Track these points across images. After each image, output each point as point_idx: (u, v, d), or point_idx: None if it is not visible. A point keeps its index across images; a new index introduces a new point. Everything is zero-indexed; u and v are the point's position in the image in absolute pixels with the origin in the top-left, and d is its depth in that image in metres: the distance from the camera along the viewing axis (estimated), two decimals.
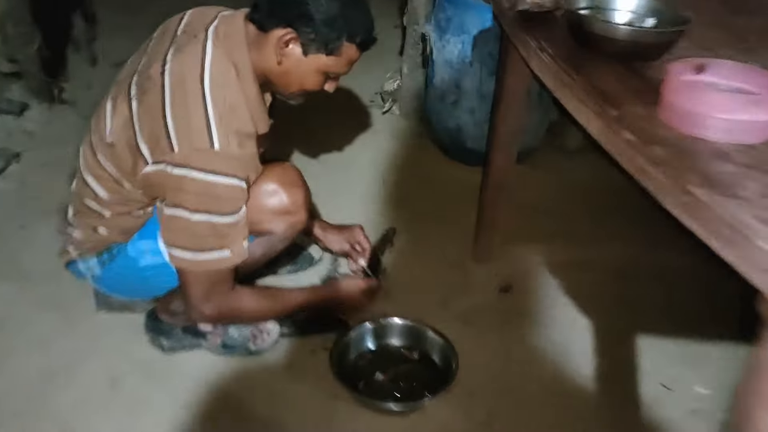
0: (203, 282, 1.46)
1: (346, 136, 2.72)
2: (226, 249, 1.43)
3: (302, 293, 1.71)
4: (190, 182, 1.34)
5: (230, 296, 1.52)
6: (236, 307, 1.55)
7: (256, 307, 1.60)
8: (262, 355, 1.74)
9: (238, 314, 1.59)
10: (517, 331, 1.86)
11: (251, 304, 1.58)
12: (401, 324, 1.79)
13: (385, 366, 1.72)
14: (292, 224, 1.57)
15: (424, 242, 2.16)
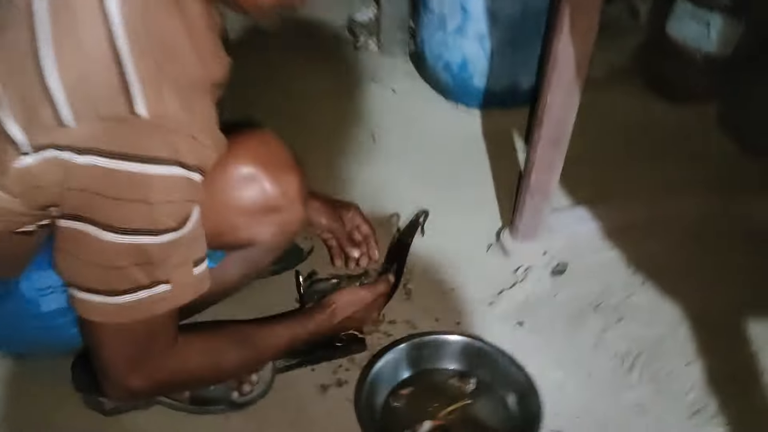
0: (125, 341, 0.91)
1: (315, 82, 2.14)
2: (164, 283, 0.87)
3: (285, 329, 1.17)
4: (100, 177, 0.78)
5: (171, 356, 0.97)
6: (181, 372, 1.00)
7: (214, 366, 1.05)
8: (251, 408, 1.23)
9: (184, 381, 1.05)
10: (592, 332, 1.39)
11: (205, 362, 1.03)
12: (445, 340, 1.29)
13: (432, 406, 1.22)
14: (284, 227, 1.03)
15: (445, 219, 1.65)
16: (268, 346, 1.12)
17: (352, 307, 1.25)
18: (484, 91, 2.00)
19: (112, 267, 0.83)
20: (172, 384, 1.03)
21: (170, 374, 0.97)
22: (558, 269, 1.52)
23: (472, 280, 1.51)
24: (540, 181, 1.42)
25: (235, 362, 1.07)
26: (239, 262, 1.05)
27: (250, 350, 1.09)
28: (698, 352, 1.34)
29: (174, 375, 0.98)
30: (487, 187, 1.77)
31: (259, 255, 1.06)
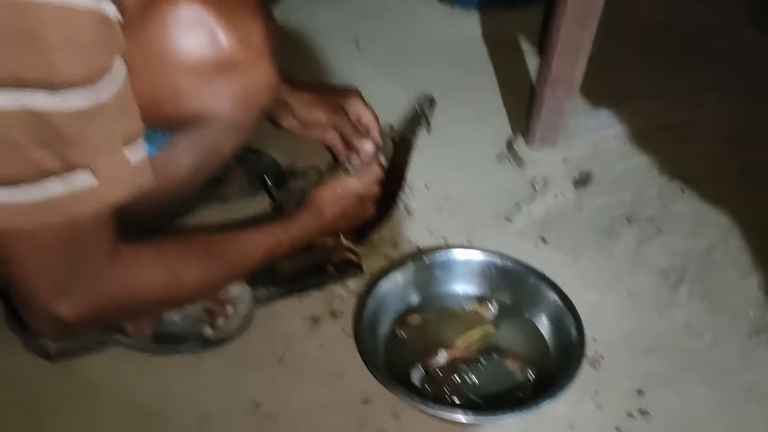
0: (46, 256, 0.68)
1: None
2: (84, 171, 0.63)
3: (262, 235, 0.94)
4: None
5: (110, 274, 0.73)
6: (127, 294, 0.76)
7: (171, 282, 0.81)
8: (228, 345, 1.01)
9: (133, 304, 0.80)
10: (627, 247, 1.18)
11: (158, 278, 0.79)
12: (460, 258, 1.07)
13: (446, 336, 1.01)
14: (246, 93, 0.77)
15: (447, 130, 1.42)
16: (241, 256, 0.89)
17: (341, 201, 1.02)
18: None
19: (7, 144, 0.59)
20: (116, 310, 0.78)
21: (111, 297, 0.74)
22: (581, 179, 1.31)
23: (483, 194, 1.29)
24: (563, 69, 1.19)
25: (199, 276, 0.84)
26: (190, 147, 0.78)
27: (218, 261, 0.86)
28: (755, 263, 1.14)
29: (117, 298, 0.75)
30: (493, 95, 1.54)
31: (216, 138, 0.79)
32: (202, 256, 0.84)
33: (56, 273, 0.68)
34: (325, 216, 1.00)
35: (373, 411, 0.94)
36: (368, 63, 1.62)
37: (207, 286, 0.88)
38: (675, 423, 0.93)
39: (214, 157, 0.80)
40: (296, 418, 0.94)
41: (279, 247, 0.95)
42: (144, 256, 0.76)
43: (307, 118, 1.09)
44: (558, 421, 0.93)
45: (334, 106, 1.09)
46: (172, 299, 0.86)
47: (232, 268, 0.90)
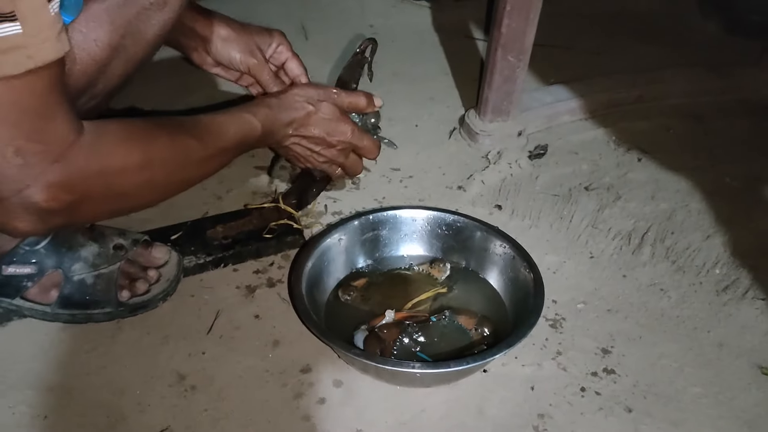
0: None
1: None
2: (8, 19, 0.54)
3: (232, 117, 0.84)
4: None
5: (80, 143, 0.63)
6: (102, 167, 0.65)
7: (147, 157, 0.70)
8: (151, 314, 0.90)
9: (110, 184, 0.67)
10: (587, 212, 1.12)
11: (133, 152, 0.68)
12: (409, 216, 0.98)
13: (397, 299, 0.92)
14: None
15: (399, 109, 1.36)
16: (213, 136, 0.79)
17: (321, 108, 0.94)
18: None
19: None
20: (93, 194, 0.66)
21: (84, 175, 0.63)
22: (537, 152, 1.25)
23: (435, 166, 1.22)
24: (514, 30, 1.14)
25: (173, 153, 0.74)
26: (107, 19, 0.67)
27: (190, 139, 0.76)
28: (717, 224, 1.09)
29: (90, 176, 0.64)
30: (445, 78, 1.50)
31: (136, 12, 0.69)
32: (173, 132, 0.74)
33: (17, 148, 0.58)
34: (296, 111, 0.92)
35: (313, 379, 0.84)
36: (316, 51, 1.56)
37: (182, 167, 0.76)
38: (644, 380, 0.85)
39: (134, 40, 0.70)
40: (226, 390, 0.83)
41: (251, 131, 0.85)
42: (111, 129, 0.67)
43: (220, 56, 0.97)
44: (519, 382, 0.84)
45: (251, 47, 0.98)
46: (149, 183, 0.72)
47: (205, 149, 0.78)
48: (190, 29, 0.93)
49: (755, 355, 0.89)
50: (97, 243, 0.88)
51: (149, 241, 0.93)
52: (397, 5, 1.76)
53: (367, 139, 0.99)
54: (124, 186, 0.69)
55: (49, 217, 0.63)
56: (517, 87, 1.23)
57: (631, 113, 1.36)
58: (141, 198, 0.73)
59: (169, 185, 0.76)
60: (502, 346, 0.77)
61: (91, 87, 0.68)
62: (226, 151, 0.82)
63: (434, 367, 0.77)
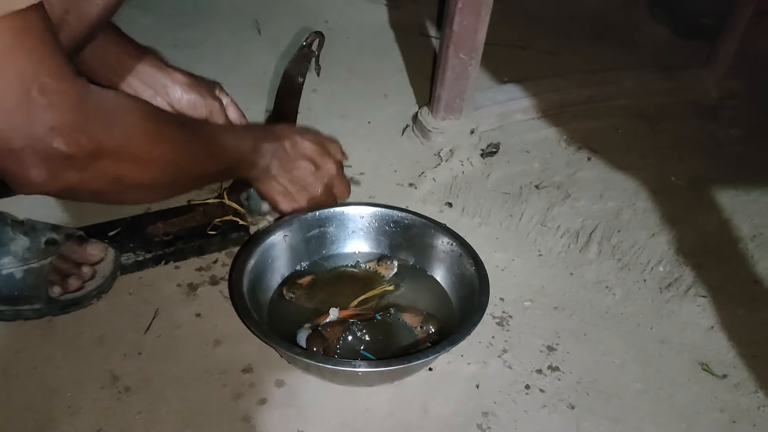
0: None
1: None
2: None
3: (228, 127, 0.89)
4: None
5: (90, 98, 0.60)
6: (114, 124, 0.63)
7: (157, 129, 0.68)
8: (85, 311, 0.87)
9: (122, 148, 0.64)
10: (536, 210, 1.12)
11: (143, 119, 0.66)
12: (355, 213, 0.96)
13: (340, 296, 0.90)
14: None
15: (351, 106, 1.35)
16: (212, 137, 0.78)
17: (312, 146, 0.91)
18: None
19: None
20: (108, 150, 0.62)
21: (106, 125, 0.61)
22: (489, 150, 1.25)
23: (386, 163, 1.21)
24: (466, 27, 1.14)
25: (179, 137, 0.71)
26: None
27: (193, 131, 0.75)
28: (662, 223, 1.10)
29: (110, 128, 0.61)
30: (400, 76, 1.49)
31: None
32: (176, 119, 0.75)
33: (42, 86, 0.55)
34: (283, 135, 0.89)
35: (254, 380, 0.82)
36: (269, 46, 1.54)
37: (189, 150, 0.73)
38: (588, 377, 0.85)
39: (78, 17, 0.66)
40: (162, 391, 0.80)
41: (244, 146, 0.83)
42: (119, 95, 0.66)
43: (182, 102, 0.94)
44: (464, 380, 0.84)
45: (210, 90, 0.97)
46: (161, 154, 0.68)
47: (207, 142, 0.76)
48: (145, 76, 0.91)
49: (696, 351, 0.90)
50: (28, 237, 0.84)
51: (84, 236, 0.89)
52: (352, 2, 1.74)
53: (345, 177, 0.97)
54: (138, 149, 0.66)
55: (65, 167, 0.59)
56: (469, 85, 1.22)
57: (582, 113, 1.37)
58: (150, 175, 0.68)
59: (176, 172, 0.72)
60: (445, 344, 0.76)
61: None
62: (224, 153, 0.79)
63: (376, 366, 0.76)
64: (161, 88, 0.94)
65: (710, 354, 0.89)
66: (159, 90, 0.94)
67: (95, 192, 0.65)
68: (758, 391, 0.84)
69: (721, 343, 0.91)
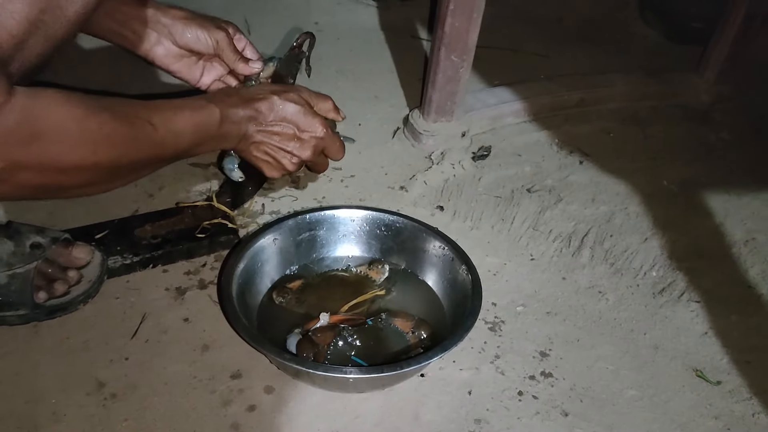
0: None
1: None
2: None
3: (187, 101, 0.75)
4: None
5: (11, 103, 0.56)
6: (35, 129, 0.58)
7: (87, 127, 0.62)
8: (71, 317, 0.85)
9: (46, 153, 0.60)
10: (528, 214, 1.11)
11: (71, 118, 0.61)
12: (346, 216, 0.95)
13: (331, 300, 0.89)
14: None
15: (344, 108, 1.32)
16: (164, 117, 0.70)
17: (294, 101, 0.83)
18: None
19: None
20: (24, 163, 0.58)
21: (17, 140, 0.57)
22: (481, 153, 1.25)
23: (377, 166, 1.20)
24: (458, 29, 1.13)
25: (116, 128, 0.65)
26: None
27: (137, 116, 0.67)
28: (655, 227, 1.10)
29: (22, 142, 0.57)
30: (391, 77, 1.48)
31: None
32: (118, 106, 0.66)
33: None
34: (259, 100, 0.81)
35: (243, 386, 0.80)
36: (259, 45, 1.50)
37: (129, 147, 0.67)
38: (581, 383, 0.84)
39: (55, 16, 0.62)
40: (149, 397, 0.78)
41: (208, 117, 0.76)
42: (48, 93, 0.60)
43: (185, 38, 0.88)
44: (456, 386, 0.83)
45: (215, 22, 0.91)
46: (91, 161, 0.63)
47: (155, 130, 0.69)
48: (145, 19, 0.86)
49: (690, 357, 0.89)
50: (12, 241, 0.82)
51: (70, 239, 0.87)
52: (343, 3, 1.73)
53: (337, 138, 0.90)
54: (62, 159, 0.61)
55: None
56: (460, 87, 1.21)
57: (573, 116, 1.37)
58: (83, 177, 0.64)
59: (115, 167, 0.67)
60: (437, 350, 0.75)
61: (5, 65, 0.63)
62: (180, 136, 0.72)
63: (367, 372, 0.75)
64: (162, 28, 0.89)
65: (704, 360, 0.89)
66: (161, 30, 0.88)
67: (30, 196, 0.62)
68: (752, 397, 0.84)
69: (714, 348, 0.91)
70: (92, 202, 1.00)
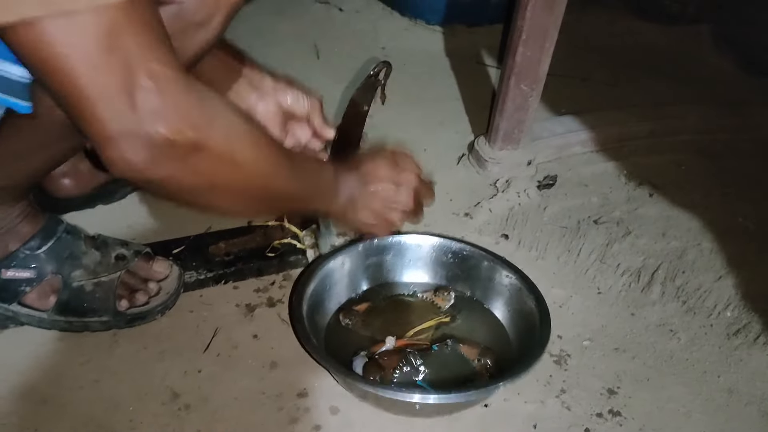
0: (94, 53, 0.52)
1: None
2: None
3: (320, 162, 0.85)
4: None
5: (189, 86, 0.58)
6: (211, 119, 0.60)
7: (253, 140, 0.66)
8: (148, 326, 0.88)
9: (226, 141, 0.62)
10: (595, 246, 1.10)
11: (241, 125, 0.64)
12: (414, 242, 0.97)
13: (397, 324, 0.90)
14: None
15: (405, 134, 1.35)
16: (304, 166, 0.75)
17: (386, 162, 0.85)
18: (447, 4, 1.72)
19: None
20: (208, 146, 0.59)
21: (209, 117, 0.59)
22: (546, 182, 1.24)
23: (442, 192, 1.20)
24: (529, 58, 1.13)
25: (274, 156, 0.68)
26: None
27: (287, 156, 0.72)
28: (729, 265, 1.07)
29: (212, 122, 0.59)
30: (456, 104, 1.49)
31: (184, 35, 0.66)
32: (273, 142, 0.69)
33: (149, 71, 0.54)
34: (367, 179, 0.83)
35: (310, 404, 0.82)
36: (328, 71, 1.56)
37: (276, 168, 0.69)
38: (651, 424, 0.82)
39: None
40: (220, 411, 0.80)
41: (327, 173, 0.79)
42: (220, 95, 0.62)
43: (289, 100, 0.93)
44: (520, 419, 0.82)
45: (308, 90, 0.95)
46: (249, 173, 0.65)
47: (293, 164, 0.71)
48: (254, 79, 0.91)
49: (766, 403, 0.86)
50: (99, 251, 0.86)
51: (151, 254, 0.91)
52: (410, 28, 1.76)
53: (428, 185, 0.92)
54: (236, 155, 0.63)
55: (163, 155, 0.57)
56: (528, 116, 1.22)
57: (642, 147, 1.35)
58: (238, 184, 0.66)
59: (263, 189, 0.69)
60: (506, 376, 0.75)
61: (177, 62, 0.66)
62: (307, 177, 0.75)
63: (434, 398, 0.75)
64: (268, 89, 0.92)
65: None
66: (267, 91, 0.92)
67: (186, 189, 0.63)
68: None
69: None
70: (167, 217, 1.05)
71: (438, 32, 1.75)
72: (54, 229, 0.84)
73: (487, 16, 1.74)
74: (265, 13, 1.79)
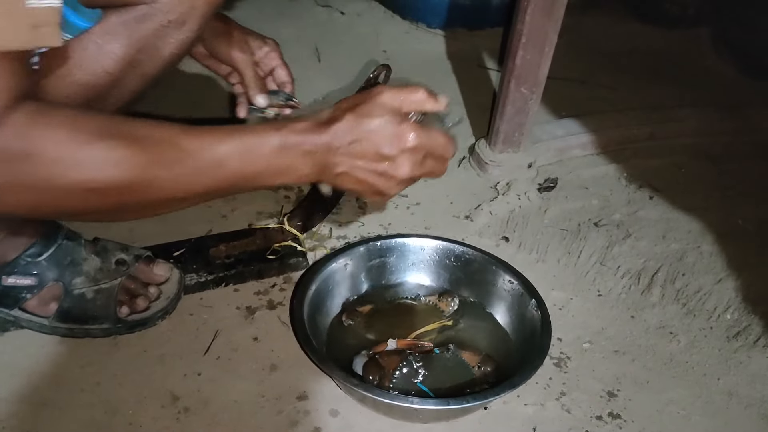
0: None
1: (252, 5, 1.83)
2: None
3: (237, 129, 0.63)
4: None
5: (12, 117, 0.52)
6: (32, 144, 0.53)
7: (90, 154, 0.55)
8: (149, 331, 0.88)
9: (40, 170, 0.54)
10: (595, 248, 1.10)
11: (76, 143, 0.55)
12: (417, 244, 0.97)
13: (399, 326, 0.90)
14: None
15: None
16: (196, 156, 0.60)
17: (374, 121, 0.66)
18: (448, 8, 1.73)
19: None
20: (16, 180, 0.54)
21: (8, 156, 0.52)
22: (547, 185, 1.24)
23: (443, 194, 1.21)
24: (528, 61, 1.14)
25: (125, 158, 0.57)
26: (124, 32, 0.66)
27: (153, 147, 0.58)
28: (729, 268, 1.07)
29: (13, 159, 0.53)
30: (457, 107, 1.49)
31: (154, 30, 0.66)
32: (141, 130, 0.58)
33: None
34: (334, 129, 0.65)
35: (309, 407, 0.82)
36: (329, 74, 1.56)
37: (146, 172, 0.58)
38: (651, 427, 0.82)
39: (150, 56, 0.68)
40: (220, 414, 0.81)
41: (262, 148, 0.63)
42: (56, 113, 0.55)
43: (209, 46, 0.90)
44: (520, 421, 0.82)
45: (243, 46, 0.92)
46: (95, 183, 0.56)
47: (185, 157, 0.59)
48: None
49: (765, 405, 0.86)
50: (100, 257, 0.87)
51: (151, 257, 0.91)
52: (411, 32, 1.76)
53: (436, 134, 0.71)
54: (56, 181, 0.55)
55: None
56: (528, 119, 1.22)
57: (642, 150, 1.35)
58: (96, 201, 0.58)
59: (134, 193, 0.59)
60: (504, 386, 0.75)
61: (102, 100, 0.67)
62: (222, 165, 0.61)
63: (433, 404, 0.75)
64: None
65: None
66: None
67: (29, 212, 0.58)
68: None
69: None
70: (168, 220, 1.05)
71: (439, 35, 1.75)
72: (54, 235, 0.85)
73: (488, 19, 1.74)
74: (267, 16, 1.79)
